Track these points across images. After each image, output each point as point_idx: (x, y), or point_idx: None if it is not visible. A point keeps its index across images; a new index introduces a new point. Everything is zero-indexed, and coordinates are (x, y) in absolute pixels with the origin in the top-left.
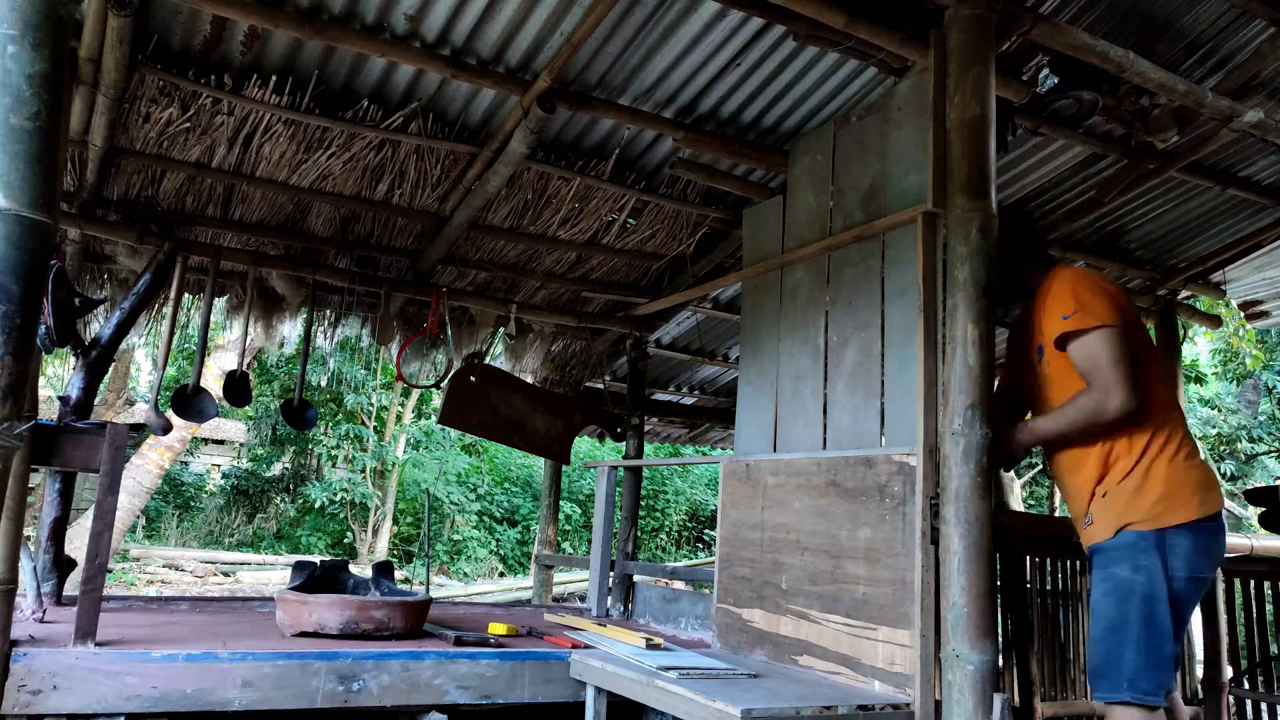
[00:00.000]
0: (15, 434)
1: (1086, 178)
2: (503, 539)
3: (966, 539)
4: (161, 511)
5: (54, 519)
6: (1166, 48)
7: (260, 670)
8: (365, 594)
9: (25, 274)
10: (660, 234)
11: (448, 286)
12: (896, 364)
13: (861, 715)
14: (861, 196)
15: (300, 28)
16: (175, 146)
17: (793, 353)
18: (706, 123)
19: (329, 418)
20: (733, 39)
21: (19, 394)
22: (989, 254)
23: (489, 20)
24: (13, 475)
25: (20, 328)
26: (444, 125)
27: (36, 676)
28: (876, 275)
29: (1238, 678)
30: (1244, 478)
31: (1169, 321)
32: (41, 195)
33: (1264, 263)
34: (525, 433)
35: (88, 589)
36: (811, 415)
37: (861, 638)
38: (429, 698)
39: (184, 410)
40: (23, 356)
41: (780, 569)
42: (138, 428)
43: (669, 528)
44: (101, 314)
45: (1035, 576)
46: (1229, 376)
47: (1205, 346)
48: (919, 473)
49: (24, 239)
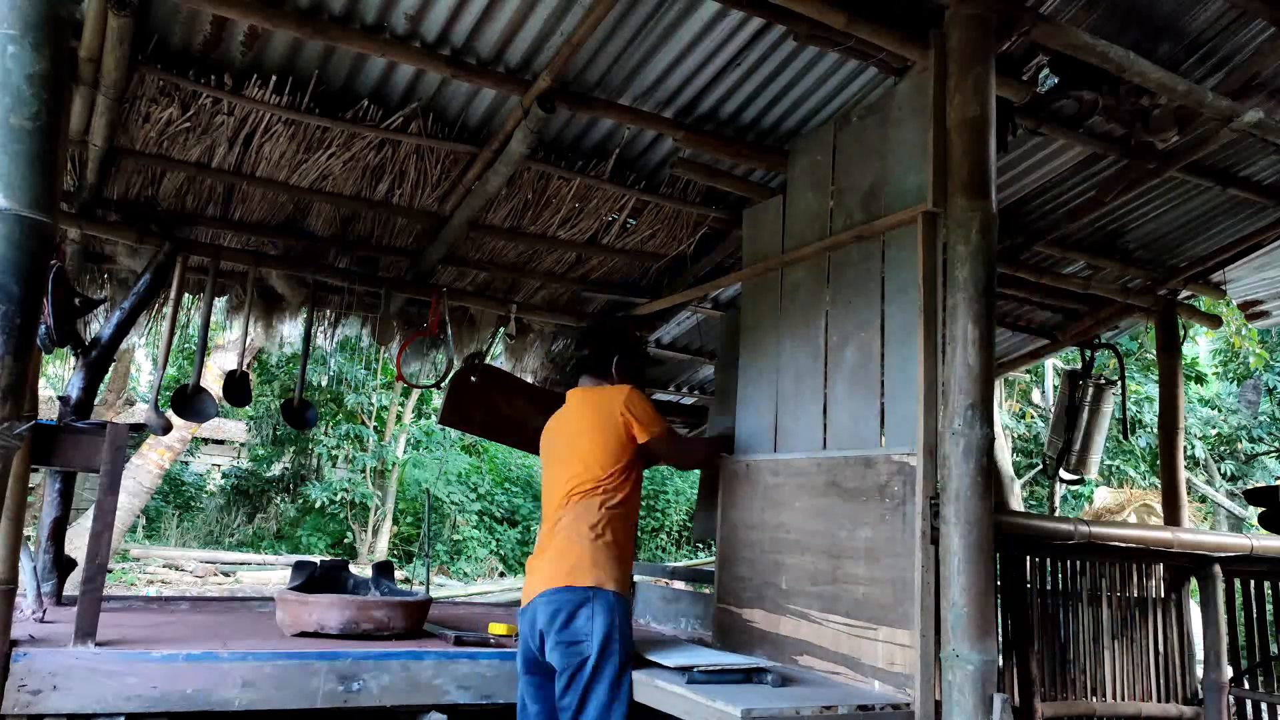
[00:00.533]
0: (15, 434)
1: (1086, 178)
2: (503, 539)
3: (966, 539)
4: (161, 511)
5: (54, 519)
6: (1167, 48)
7: (260, 670)
8: (365, 594)
9: (25, 274)
10: (660, 234)
11: (448, 286)
12: (896, 364)
13: (861, 715)
14: (861, 196)
15: (300, 28)
16: (175, 146)
17: (793, 353)
18: (706, 123)
19: (329, 418)
20: (733, 39)
21: (19, 394)
22: (989, 254)
23: (489, 20)
24: (13, 475)
25: (20, 328)
26: (444, 125)
27: (36, 676)
28: (876, 275)
29: (1238, 678)
30: (1244, 478)
31: (1169, 321)
32: (41, 195)
33: (1264, 263)
34: (526, 433)
35: (88, 589)
36: (811, 415)
37: (861, 638)
38: (429, 698)
39: (184, 410)
40: (23, 356)
41: (780, 569)
42: (138, 428)
43: (669, 528)
44: (101, 314)
45: (1035, 576)
46: (1229, 376)
47: (1205, 346)
48: (919, 473)
49: (24, 239)
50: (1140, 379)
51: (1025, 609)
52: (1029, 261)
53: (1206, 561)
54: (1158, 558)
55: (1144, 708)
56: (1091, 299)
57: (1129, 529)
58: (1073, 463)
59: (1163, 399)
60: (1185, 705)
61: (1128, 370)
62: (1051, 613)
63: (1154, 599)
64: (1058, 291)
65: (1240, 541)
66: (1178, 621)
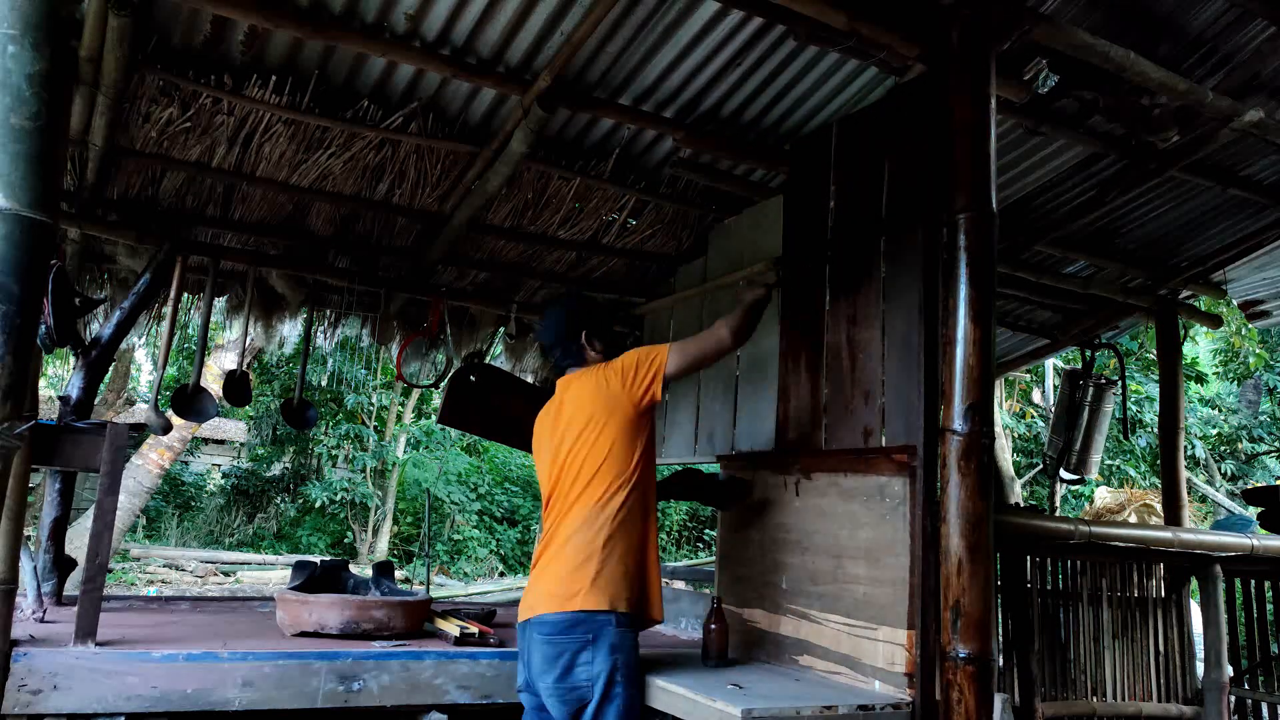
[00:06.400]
0: (15, 434)
1: (1086, 178)
2: (503, 539)
3: (966, 539)
4: (162, 511)
5: (54, 519)
6: (1167, 47)
7: (260, 670)
8: (365, 594)
9: (25, 274)
10: (660, 234)
11: (448, 286)
12: (896, 364)
13: (861, 715)
14: (861, 196)
15: (300, 27)
16: (175, 146)
17: (792, 352)
18: (707, 123)
19: (329, 417)
20: (733, 39)
21: (19, 394)
22: (989, 254)
23: (489, 20)
24: (13, 475)
25: (20, 328)
26: (444, 125)
27: (37, 676)
28: (876, 275)
29: (1238, 678)
30: (1244, 478)
31: (1169, 321)
32: (41, 195)
33: (1264, 262)
34: (525, 433)
35: (88, 589)
36: (811, 414)
37: (862, 637)
38: (429, 697)
39: (184, 410)
40: (23, 356)
41: (780, 569)
42: (138, 428)
43: (669, 528)
44: (101, 314)
45: (1035, 576)
46: (1229, 376)
47: (1205, 346)
48: (919, 473)
49: (24, 239)
50: (1140, 379)
51: (1025, 609)
52: (1029, 261)
53: (1207, 561)
54: (1158, 558)
55: (1144, 707)
56: (1091, 299)
57: (1129, 529)
58: (1073, 463)
59: (1163, 399)
60: (1185, 705)
61: (1128, 370)
62: (1052, 613)
63: (1154, 599)
64: (1058, 291)
65: (1241, 541)
66: (1178, 621)
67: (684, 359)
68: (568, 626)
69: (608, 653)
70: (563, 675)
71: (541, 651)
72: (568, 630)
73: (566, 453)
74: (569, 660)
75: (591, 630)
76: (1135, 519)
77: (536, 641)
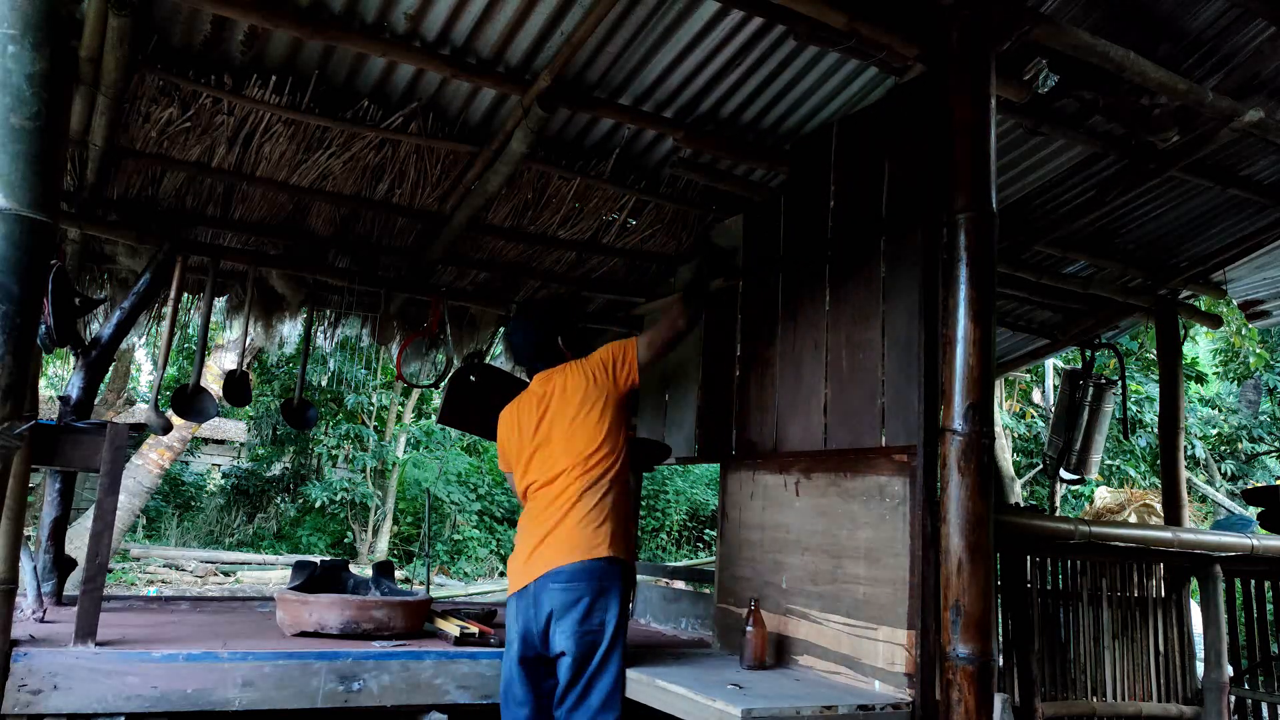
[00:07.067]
0: (15, 434)
1: (1086, 178)
2: (503, 539)
3: (966, 539)
4: (161, 511)
5: (54, 519)
6: (1167, 47)
7: (260, 670)
8: (365, 594)
9: (25, 274)
10: (660, 234)
11: (448, 286)
12: (896, 364)
13: (862, 715)
14: (861, 196)
15: (300, 27)
16: (175, 146)
17: (794, 353)
18: (707, 123)
19: (329, 417)
20: (733, 39)
21: (19, 394)
22: (989, 254)
23: (489, 20)
24: (13, 475)
25: (20, 328)
26: (444, 125)
27: (37, 676)
28: (876, 275)
29: (1238, 678)
30: (1244, 478)
31: (1169, 321)
32: (41, 195)
33: (1264, 262)
34: None
35: (88, 589)
36: (812, 415)
37: (862, 637)
38: (429, 697)
39: (184, 410)
40: (23, 356)
41: (780, 569)
42: (138, 428)
43: (669, 528)
44: (101, 314)
45: (1035, 576)
46: (1229, 376)
47: (1205, 346)
48: (919, 473)
49: (24, 239)
50: (1140, 379)
51: (1025, 609)
52: (1029, 261)
53: (1207, 561)
54: (1158, 557)
55: (1144, 707)
56: (1091, 299)
57: (1129, 529)
58: (1073, 462)
59: (1163, 399)
60: (1185, 705)
61: (1128, 370)
62: (1052, 613)
63: (1154, 599)
64: (1058, 291)
65: (1241, 541)
66: (1178, 621)
67: (650, 348)
68: (588, 574)
69: (619, 602)
70: (585, 616)
71: (560, 599)
72: (588, 577)
73: (563, 436)
74: (591, 602)
75: (608, 576)
76: (1135, 519)
77: (553, 591)
